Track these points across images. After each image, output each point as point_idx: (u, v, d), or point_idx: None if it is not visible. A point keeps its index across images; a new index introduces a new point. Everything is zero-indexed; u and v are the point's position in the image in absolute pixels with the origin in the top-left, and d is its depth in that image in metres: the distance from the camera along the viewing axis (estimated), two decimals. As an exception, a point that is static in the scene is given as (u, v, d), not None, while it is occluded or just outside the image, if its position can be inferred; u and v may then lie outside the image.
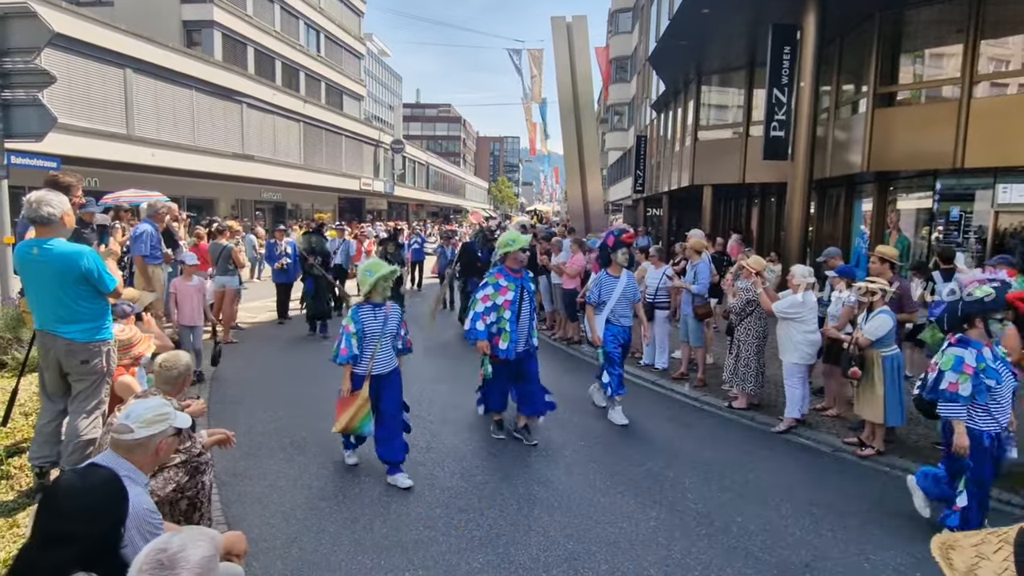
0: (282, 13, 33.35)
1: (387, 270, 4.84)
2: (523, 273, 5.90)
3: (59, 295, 4.05)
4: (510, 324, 5.67)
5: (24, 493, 4.29)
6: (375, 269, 4.84)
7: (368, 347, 4.84)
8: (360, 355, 4.83)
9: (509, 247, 5.78)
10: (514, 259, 5.78)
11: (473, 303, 5.81)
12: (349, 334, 4.78)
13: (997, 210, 10.01)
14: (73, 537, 1.90)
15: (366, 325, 4.82)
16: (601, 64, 40.16)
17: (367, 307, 4.88)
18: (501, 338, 5.67)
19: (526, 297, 5.82)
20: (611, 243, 6.63)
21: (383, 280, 4.82)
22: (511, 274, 5.78)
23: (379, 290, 4.85)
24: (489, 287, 5.75)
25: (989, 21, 9.86)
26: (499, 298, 5.68)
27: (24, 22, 6.87)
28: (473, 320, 5.70)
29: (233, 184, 25.33)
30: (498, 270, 5.88)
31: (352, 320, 4.81)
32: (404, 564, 3.82)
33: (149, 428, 2.49)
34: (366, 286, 4.82)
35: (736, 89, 17.25)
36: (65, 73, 15.93)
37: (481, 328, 5.65)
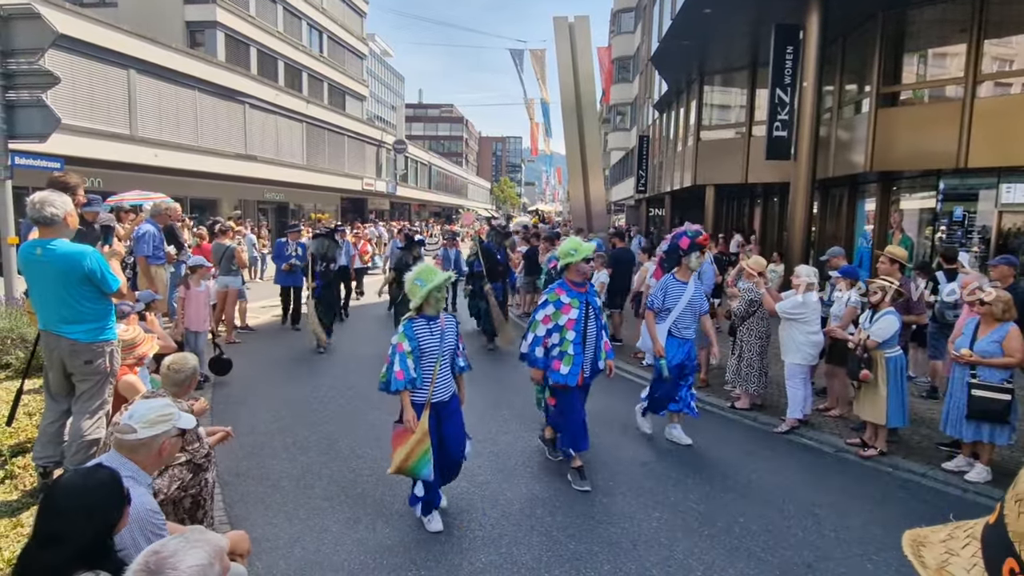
0: (285, 14, 33.38)
1: (441, 278, 4.14)
2: (588, 287, 5.13)
3: (62, 295, 4.07)
4: (574, 347, 4.88)
5: (28, 493, 4.30)
6: (427, 277, 4.14)
7: (426, 368, 4.15)
8: (418, 378, 4.11)
9: (571, 257, 4.99)
10: (576, 271, 4.98)
11: (532, 324, 5.04)
12: (403, 353, 4.05)
13: (1001, 210, 9.98)
14: (68, 536, 1.91)
15: (422, 342, 4.12)
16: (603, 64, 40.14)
17: (421, 321, 4.17)
18: (563, 362, 4.88)
19: (592, 314, 5.02)
20: (684, 245, 5.85)
21: (436, 291, 4.14)
22: (574, 288, 4.98)
23: (432, 301, 4.16)
24: (550, 305, 4.96)
25: (992, 21, 9.84)
26: (562, 318, 4.90)
27: (28, 23, 6.89)
28: (533, 344, 4.96)
29: (236, 184, 25.36)
30: (559, 284, 5.06)
31: (405, 336, 4.09)
32: (407, 564, 3.83)
33: (152, 428, 2.50)
34: (417, 298, 4.12)
35: (739, 89, 17.24)
36: (69, 74, 15.97)
37: (540, 354, 4.92)
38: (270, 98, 27.42)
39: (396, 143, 44.21)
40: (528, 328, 5.12)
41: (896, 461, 5.59)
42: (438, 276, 4.16)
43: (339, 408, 6.79)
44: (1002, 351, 5.00)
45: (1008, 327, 5.04)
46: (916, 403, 7.19)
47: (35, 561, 1.91)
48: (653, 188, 27.59)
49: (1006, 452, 5.56)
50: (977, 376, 5.08)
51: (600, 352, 5.12)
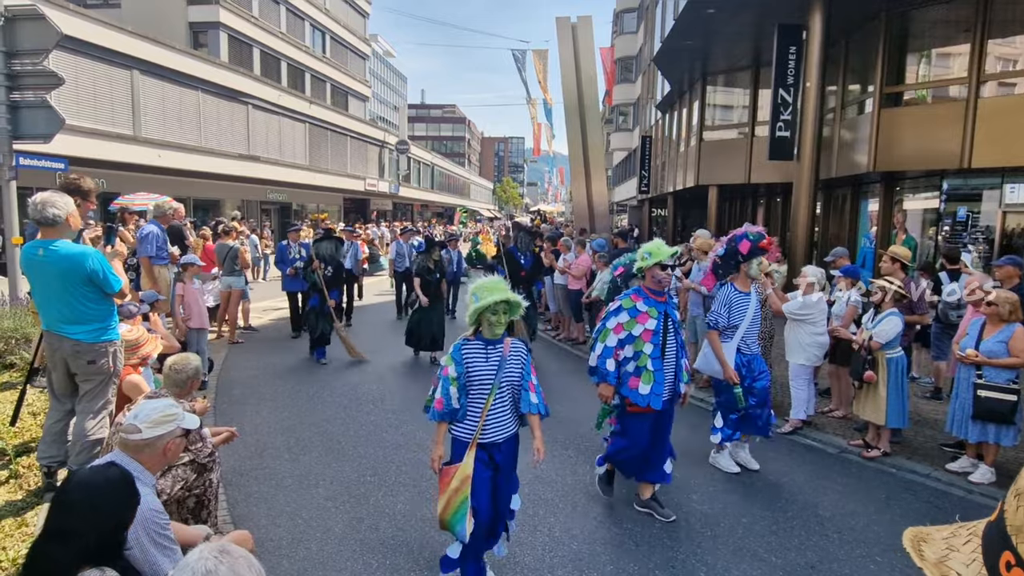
0: (288, 14, 33.44)
1: (496, 297, 3.35)
2: (667, 296, 4.49)
3: (65, 296, 4.08)
4: (653, 362, 4.31)
5: (32, 492, 4.32)
6: (484, 292, 3.40)
7: (476, 400, 3.44)
8: (461, 411, 3.43)
9: (645, 261, 4.40)
10: (652, 277, 4.39)
11: (602, 333, 4.44)
12: (447, 379, 3.43)
13: (1005, 210, 9.96)
14: (80, 533, 1.92)
15: (471, 368, 3.42)
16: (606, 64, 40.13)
17: (477, 343, 3.47)
18: (641, 380, 4.28)
19: (671, 327, 4.41)
20: (745, 249, 5.24)
21: (490, 312, 3.38)
22: (651, 296, 4.39)
23: (489, 322, 3.42)
24: (623, 312, 4.40)
25: (996, 20, 9.81)
26: (637, 327, 4.33)
27: (32, 24, 6.92)
28: (603, 356, 4.37)
29: (239, 185, 25.41)
30: (634, 291, 4.49)
31: (452, 360, 3.45)
32: (409, 564, 3.83)
33: (157, 428, 2.51)
34: (469, 316, 3.47)
35: (741, 89, 17.22)
36: (73, 75, 16.02)
37: (611, 367, 4.33)
38: (273, 99, 27.48)
39: (398, 143, 44.26)
40: (596, 337, 4.48)
41: (900, 462, 5.58)
42: (494, 293, 3.36)
43: (342, 408, 6.79)
44: (1008, 351, 4.99)
45: (1015, 327, 5.02)
46: (920, 404, 7.18)
47: (44, 556, 1.92)
48: (656, 188, 27.58)
49: (1010, 453, 5.54)
50: (983, 377, 5.07)
51: (682, 372, 4.48)
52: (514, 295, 3.41)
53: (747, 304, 5.18)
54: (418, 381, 8.00)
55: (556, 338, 10.96)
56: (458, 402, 3.40)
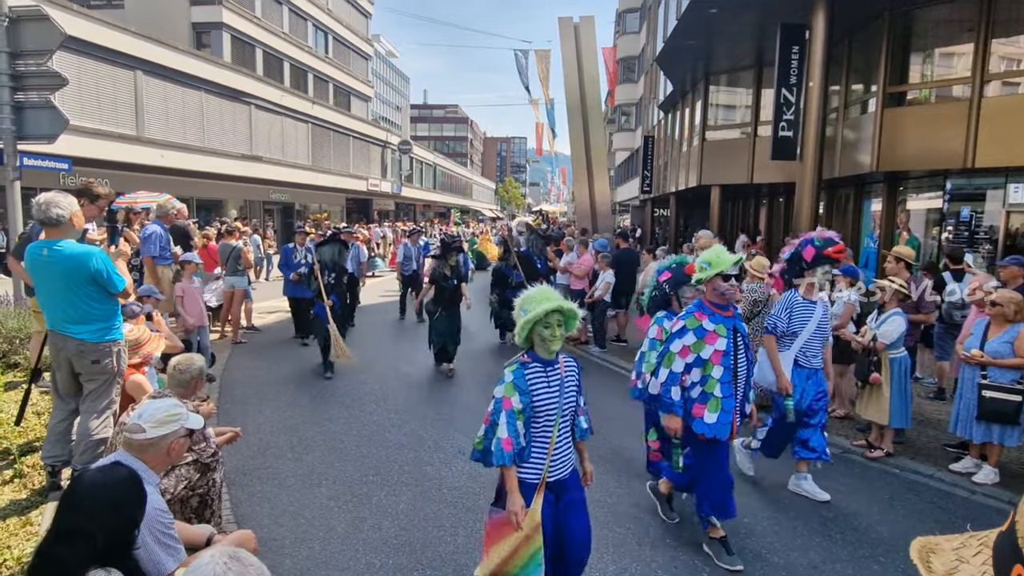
0: (290, 15, 33.47)
1: (550, 305, 2.89)
2: (734, 311, 3.96)
3: (69, 296, 4.10)
4: (723, 387, 3.82)
5: (37, 492, 4.33)
6: (533, 303, 2.93)
7: (540, 433, 2.98)
8: (528, 447, 2.95)
9: (705, 272, 3.86)
10: (714, 289, 3.85)
11: (666, 357, 3.90)
12: (512, 412, 2.89)
13: (1008, 210, 9.93)
14: (88, 533, 1.92)
15: (538, 396, 2.94)
16: (608, 64, 40.11)
17: (535, 366, 2.97)
18: (708, 407, 3.82)
19: (741, 345, 3.90)
20: (809, 256, 4.84)
21: (542, 326, 2.92)
22: (716, 312, 3.86)
23: (542, 338, 2.94)
24: (689, 333, 3.84)
25: (1000, 20, 9.79)
26: (706, 349, 3.80)
27: (36, 25, 6.94)
28: (668, 384, 3.85)
29: (241, 185, 25.44)
30: (697, 308, 3.93)
31: (515, 388, 2.91)
32: (412, 564, 3.84)
33: (161, 428, 2.52)
34: (519, 332, 2.99)
35: (744, 89, 17.20)
36: (76, 75, 16.06)
37: (676, 396, 3.83)
38: (275, 99, 27.51)
39: (401, 143, 44.27)
40: (660, 361, 3.96)
41: (903, 462, 5.57)
42: (545, 303, 2.89)
43: (344, 408, 6.80)
44: (1013, 352, 4.98)
45: (1020, 328, 5.01)
46: (923, 404, 7.17)
47: (52, 557, 1.93)
48: (658, 188, 27.55)
49: (1014, 453, 5.53)
50: (988, 377, 5.06)
51: (750, 393, 4.06)
52: (568, 303, 2.95)
53: (810, 313, 4.77)
54: (420, 381, 8.01)
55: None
56: (525, 438, 2.92)
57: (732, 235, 20.04)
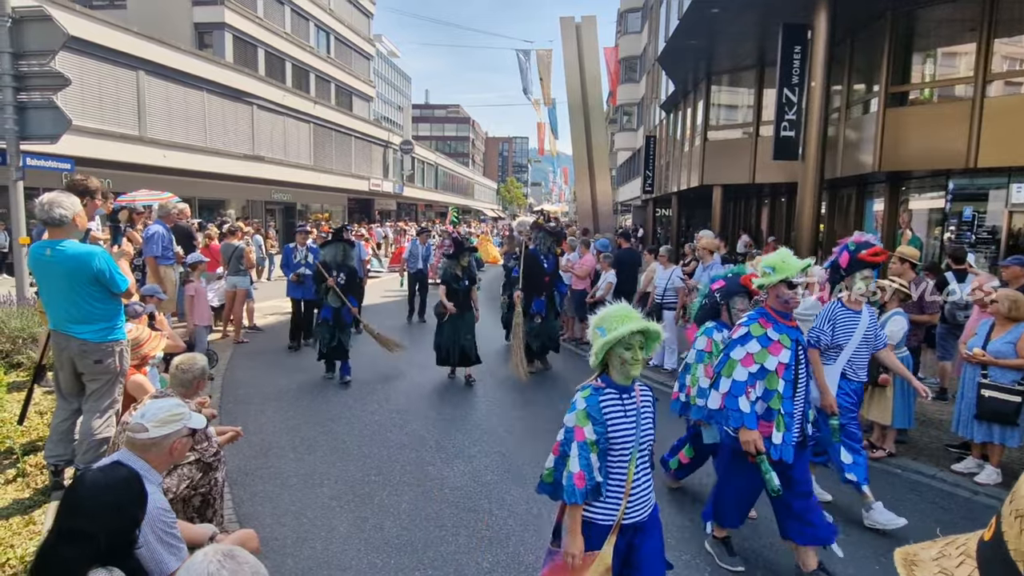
0: (292, 15, 33.52)
1: (634, 326, 2.58)
2: (795, 320, 3.67)
3: (72, 296, 4.11)
4: (785, 403, 3.51)
5: (40, 491, 4.34)
6: (613, 322, 2.62)
7: (616, 468, 2.65)
8: (604, 483, 2.63)
9: (769, 277, 3.56)
10: (778, 297, 3.56)
11: (726, 365, 3.59)
12: (585, 444, 2.59)
13: (1011, 210, 9.92)
14: (90, 533, 1.93)
15: (614, 426, 2.64)
16: (610, 64, 40.10)
17: (611, 392, 2.68)
18: (775, 424, 3.50)
19: (803, 358, 3.62)
20: (845, 262, 4.53)
21: (622, 348, 2.61)
22: (780, 321, 3.56)
23: (622, 361, 2.63)
24: (753, 340, 3.55)
25: (1003, 19, 9.77)
26: (770, 360, 3.49)
27: (39, 25, 6.96)
28: (732, 394, 3.51)
29: (243, 185, 25.48)
30: (759, 315, 3.63)
31: (588, 416, 2.61)
32: (414, 564, 3.84)
33: (163, 428, 2.52)
34: (595, 352, 2.67)
35: (746, 89, 17.19)
36: (79, 75, 16.08)
37: (747, 408, 3.48)
38: (277, 99, 27.54)
39: (403, 143, 44.30)
40: (719, 371, 3.63)
41: (905, 462, 5.56)
42: (627, 322, 2.59)
43: (346, 408, 6.81)
44: (1015, 352, 4.97)
45: (1023, 328, 5.01)
46: (925, 405, 7.15)
47: (54, 557, 1.93)
48: (660, 188, 27.53)
49: (1016, 454, 5.52)
50: (988, 377, 5.05)
51: (809, 410, 3.73)
52: (653, 324, 2.63)
53: (855, 323, 4.43)
54: (422, 381, 8.01)
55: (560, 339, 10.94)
56: (600, 473, 2.59)
57: (734, 235, 20.03)
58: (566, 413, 2.71)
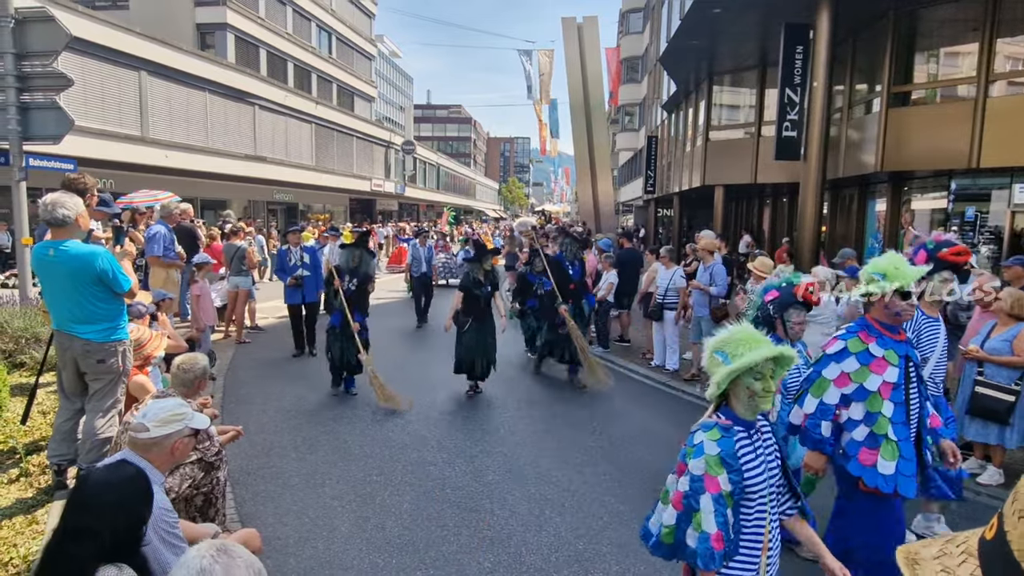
0: (294, 15, 33.56)
1: (767, 352, 2.21)
2: (906, 333, 3.22)
3: (75, 296, 4.12)
4: (895, 428, 3.02)
5: (43, 490, 4.35)
6: (740, 346, 2.25)
7: (749, 520, 2.26)
8: (736, 540, 2.22)
9: (877, 285, 3.08)
10: (886, 308, 3.08)
11: (816, 383, 3.18)
12: (719, 497, 2.17)
13: (1014, 210, 9.89)
14: (96, 531, 1.93)
15: (749, 471, 2.23)
16: (612, 64, 40.09)
17: (739, 429, 2.27)
18: (881, 453, 3.00)
19: (914, 376, 3.11)
20: (921, 260, 4.04)
21: (752, 377, 2.23)
22: (886, 335, 3.11)
23: (751, 392, 2.25)
24: (850, 357, 3.11)
25: (1005, 19, 9.75)
26: (871, 379, 3.05)
27: (42, 26, 6.98)
28: (816, 416, 3.15)
29: (245, 185, 25.51)
30: (861, 327, 3.19)
31: (723, 463, 2.18)
32: (415, 563, 3.85)
33: (165, 427, 2.53)
34: (718, 381, 2.26)
35: (748, 89, 17.18)
36: (81, 76, 16.12)
37: (826, 431, 3.12)
38: (279, 99, 27.58)
39: (404, 144, 44.34)
40: (807, 388, 3.24)
41: (907, 463, 5.55)
42: (757, 348, 2.22)
43: (348, 408, 6.82)
44: (1012, 350, 4.97)
45: (1021, 327, 5.00)
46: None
47: (62, 555, 1.94)
48: (662, 188, 27.51)
49: (1019, 455, 5.52)
50: (983, 374, 5.06)
51: (927, 436, 3.18)
52: (787, 348, 2.30)
53: (937, 331, 4.06)
54: (424, 381, 8.01)
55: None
56: (733, 528, 2.20)
57: (736, 235, 20.01)
58: (688, 458, 2.25)
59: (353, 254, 7.22)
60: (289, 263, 8.86)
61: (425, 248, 12.49)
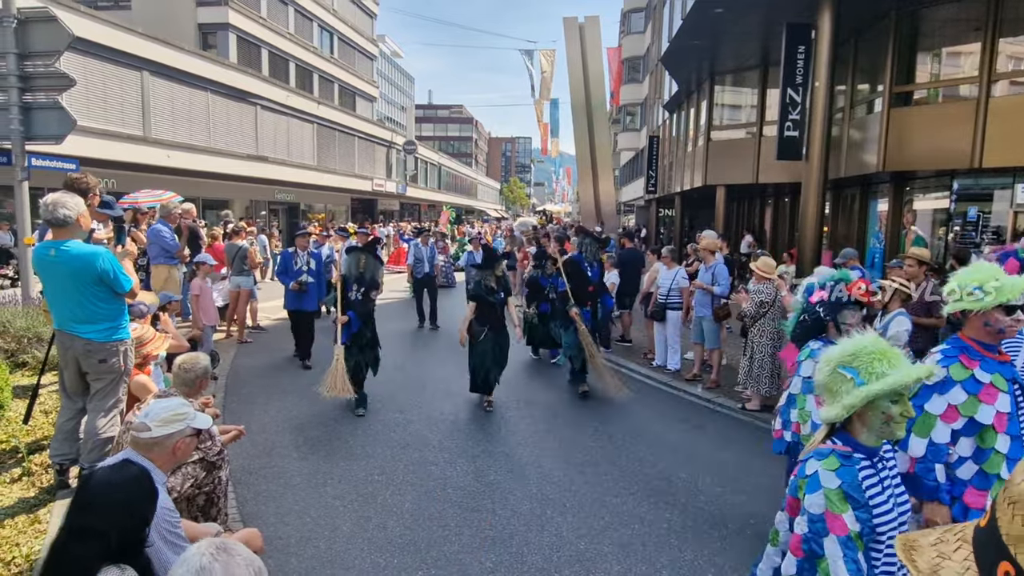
0: (296, 16, 33.59)
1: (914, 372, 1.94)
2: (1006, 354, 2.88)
3: (76, 296, 4.13)
4: (1010, 465, 2.62)
5: (45, 490, 4.36)
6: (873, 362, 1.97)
7: (879, 565, 1.95)
8: None
9: (977, 301, 2.69)
10: (985, 324, 2.72)
11: (920, 421, 2.72)
12: (848, 540, 1.86)
13: (1016, 210, 9.88)
14: (101, 531, 1.94)
15: (875, 505, 1.93)
16: (613, 64, 40.08)
17: (862, 459, 1.97)
18: (992, 494, 2.44)
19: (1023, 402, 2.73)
20: (1014, 269, 3.82)
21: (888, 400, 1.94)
22: (989, 357, 2.74)
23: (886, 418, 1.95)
24: (955, 388, 2.71)
25: (1008, 19, 9.73)
26: (983, 411, 2.65)
27: (44, 26, 6.99)
28: (928, 460, 2.70)
29: (247, 185, 25.53)
30: (959, 349, 2.80)
31: (847, 498, 1.89)
32: (417, 563, 3.85)
33: (166, 427, 2.53)
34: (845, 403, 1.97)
35: (750, 89, 17.17)
36: (83, 76, 16.14)
37: (941, 476, 2.70)
38: (281, 99, 27.60)
39: (406, 144, 44.35)
40: (910, 427, 2.71)
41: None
42: (894, 366, 1.95)
43: (350, 407, 6.81)
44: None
45: None
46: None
47: (66, 555, 1.94)
48: (663, 188, 27.50)
49: (1021, 455, 5.50)
50: None
51: None
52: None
53: (1020, 345, 3.53)
54: (425, 381, 8.01)
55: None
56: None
57: (737, 235, 20.00)
58: (801, 493, 1.97)
59: (359, 259, 6.80)
60: (294, 267, 8.55)
61: (427, 248, 12.35)
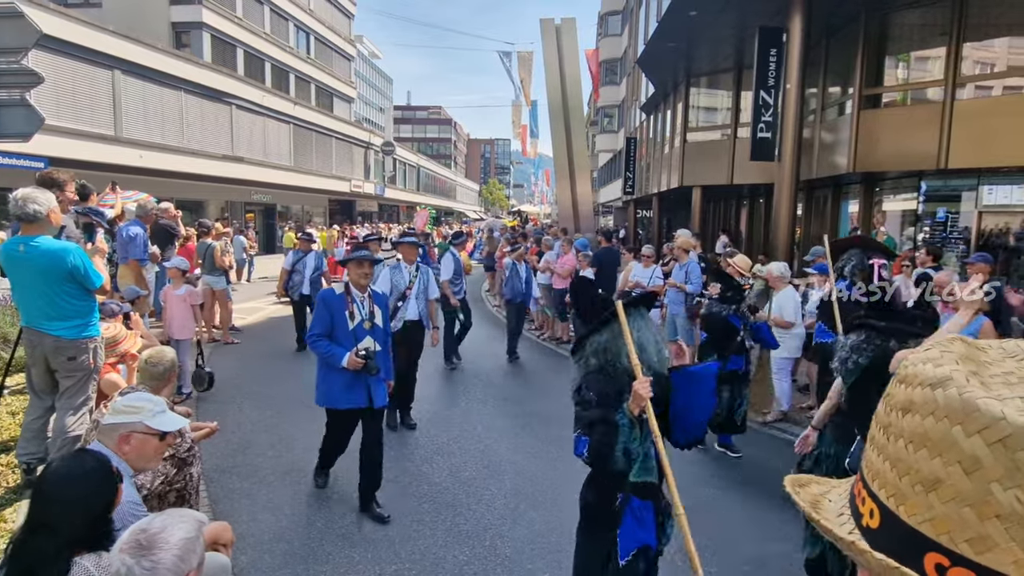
0: (271, 15, 33.27)
1: None
2: None
3: (46, 292, 4.07)
4: None
5: (11, 490, 4.28)
6: None
7: None
8: None
9: None
10: None
11: None
12: None
13: (981, 211, 10.15)
14: (59, 523, 1.93)
15: None
16: (591, 66, 40.33)
17: None
18: None
19: None
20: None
21: None
22: None
23: None
24: None
25: (972, 24, 10.00)
26: None
27: (11, 22, 6.86)
28: None
29: (223, 186, 25.22)
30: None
31: None
32: (391, 558, 3.85)
33: (116, 416, 2.52)
34: None
35: (724, 91, 17.40)
36: (52, 74, 15.82)
37: None
38: (257, 99, 27.31)
39: (384, 145, 44.16)
40: None
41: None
42: None
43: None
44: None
45: (982, 320, 5.12)
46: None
47: (28, 547, 1.93)
48: (640, 190, 27.74)
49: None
50: None
51: None
52: None
53: None
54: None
55: (540, 338, 11.01)
56: None
57: (713, 236, 20.24)
58: None
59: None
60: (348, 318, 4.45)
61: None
